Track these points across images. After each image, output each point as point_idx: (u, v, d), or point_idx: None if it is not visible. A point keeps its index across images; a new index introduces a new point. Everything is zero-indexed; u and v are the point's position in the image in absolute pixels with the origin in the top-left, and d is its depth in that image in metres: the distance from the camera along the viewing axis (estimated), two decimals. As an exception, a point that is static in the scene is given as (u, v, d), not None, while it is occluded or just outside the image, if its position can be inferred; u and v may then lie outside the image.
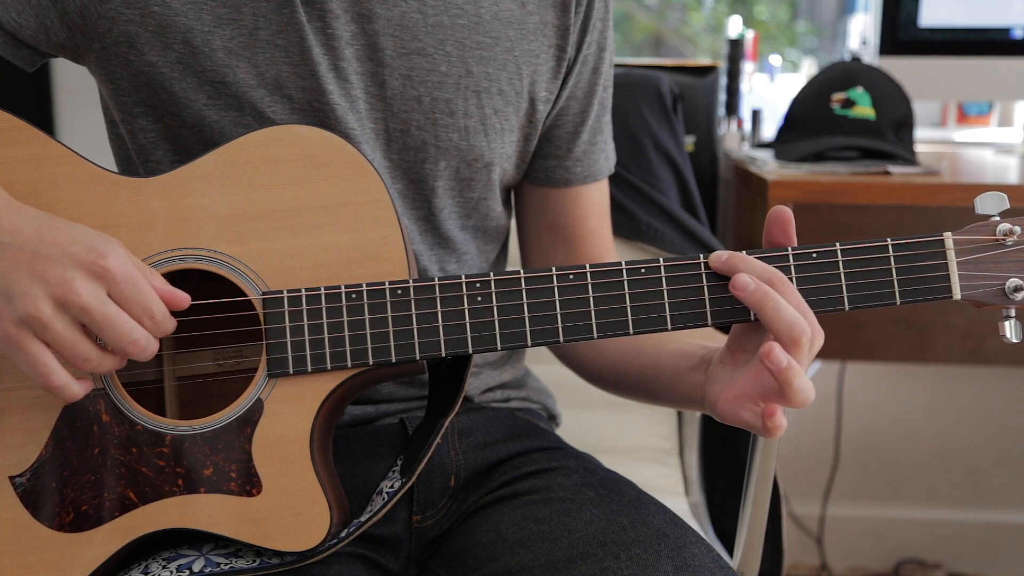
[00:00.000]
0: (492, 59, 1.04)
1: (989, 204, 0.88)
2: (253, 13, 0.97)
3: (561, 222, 1.16)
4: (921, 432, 2.44)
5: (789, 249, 0.88)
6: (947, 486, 2.46)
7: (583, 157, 1.14)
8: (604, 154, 1.17)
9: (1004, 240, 0.88)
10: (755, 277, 0.85)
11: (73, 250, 0.80)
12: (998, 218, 0.88)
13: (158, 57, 0.96)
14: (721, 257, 0.88)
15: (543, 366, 1.39)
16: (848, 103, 1.78)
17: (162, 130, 0.99)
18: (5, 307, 0.79)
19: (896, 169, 1.67)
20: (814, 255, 0.88)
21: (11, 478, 0.88)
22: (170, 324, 0.84)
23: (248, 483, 0.88)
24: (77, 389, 0.83)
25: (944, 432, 2.44)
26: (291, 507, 0.88)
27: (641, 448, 1.65)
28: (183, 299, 0.85)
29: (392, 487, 0.94)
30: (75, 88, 2.11)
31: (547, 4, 1.07)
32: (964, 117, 2.32)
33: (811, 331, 0.84)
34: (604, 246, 1.18)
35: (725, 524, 1.55)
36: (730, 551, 1.31)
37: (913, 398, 2.43)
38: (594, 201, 1.17)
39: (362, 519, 0.91)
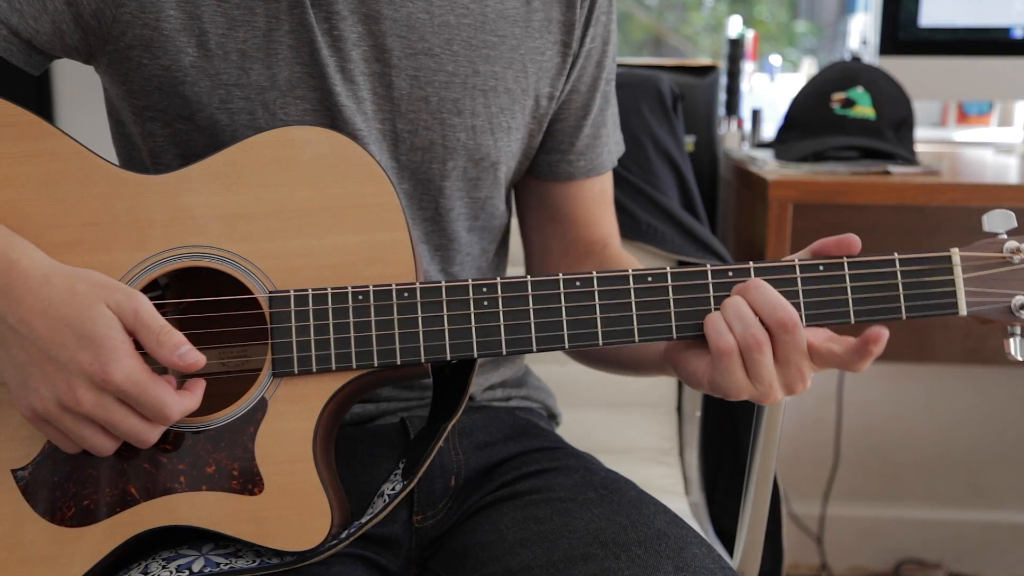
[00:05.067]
0: (498, 58, 1.04)
1: (996, 222, 0.89)
2: (266, 14, 0.97)
3: (562, 213, 1.16)
4: (921, 432, 2.44)
5: (796, 261, 0.88)
6: (947, 486, 2.46)
7: (586, 151, 1.14)
8: (607, 147, 1.17)
9: (1011, 258, 0.88)
10: (745, 327, 0.86)
11: (80, 357, 0.82)
12: (1005, 236, 0.89)
13: (172, 61, 0.96)
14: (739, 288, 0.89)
15: (543, 365, 1.39)
16: (848, 103, 1.78)
17: (171, 135, 0.99)
18: (23, 395, 0.83)
19: (896, 169, 1.68)
20: (821, 268, 0.88)
21: (13, 471, 0.88)
22: (191, 405, 0.86)
23: (250, 482, 0.88)
24: (105, 452, 0.86)
25: (944, 432, 2.44)
26: (292, 507, 0.88)
27: (641, 448, 1.66)
28: (200, 361, 0.85)
29: (393, 489, 0.94)
30: (75, 88, 2.11)
31: (553, 0, 1.07)
32: (964, 117, 2.32)
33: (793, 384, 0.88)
34: (607, 231, 1.19)
35: (725, 524, 1.55)
36: (730, 551, 1.31)
37: (913, 398, 2.43)
38: (596, 191, 1.17)
39: (363, 520, 0.91)
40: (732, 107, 2.03)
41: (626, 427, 1.65)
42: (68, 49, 0.99)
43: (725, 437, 1.64)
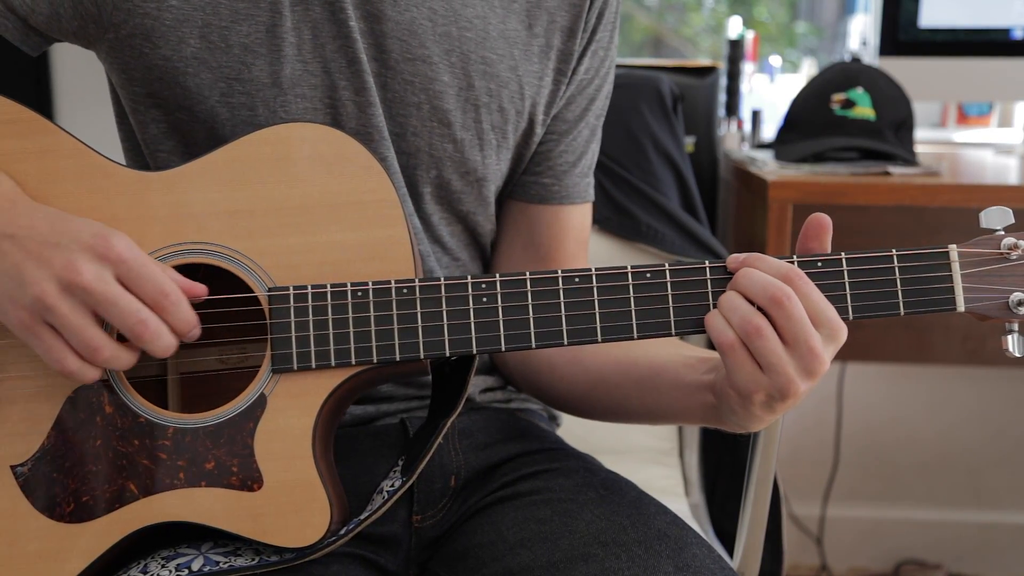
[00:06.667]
0: (495, 75, 1.04)
1: (994, 218, 0.89)
2: (270, 8, 0.97)
3: (536, 240, 1.14)
4: (921, 433, 2.44)
5: (795, 257, 0.88)
6: (947, 487, 2.46)
7: (562, 177, 1.12)
8: (587, 179, 1.15)
9: (1008, 254, 0.88)
10: (740, 316, 0.85)
11: (80, 236, 0.82)
12: (1003, 232, 0.89)
13: (173, 51, 0.96)
14: (738, 259, 0.88)
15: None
16: (848, 104, 1.78)
17: (173, 123, 1.00)
18: (18, 293, 0.81)
19: (896, 170, 1.68)
20: (819, 264, 0.88)
21: (12, 467, 0.88)
22: (188, 312, 0.84)
23: (249, 478, 0.88)
24: (92, 373, 0.84)
25: (944, 433, 2.44)
26: (292, 503, 0.88)
27: (641, 448, 1.66)
28: (199, 290, 0.85)
29: (392, 486, 0.94)
30: (75, 84, 2.11)
31: (555, 28, 1.07)
32: (964, 118, 2.32)
33: (832, 327, 0.85)
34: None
35: (725, 525, 1.55)
36: (730, 552, 1.31)
37: (913, 399, 2.43)
38: (573, 225, 1.15)
39: (362, 516, 0.91)
40: (732, 108, 2.03)
41: (626, 428, 1.65)
42: (65, 33, 0.99)
43: (725, 438, 1.64)
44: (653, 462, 1.64)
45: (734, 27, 2.08)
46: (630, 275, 0.89)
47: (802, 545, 2.45)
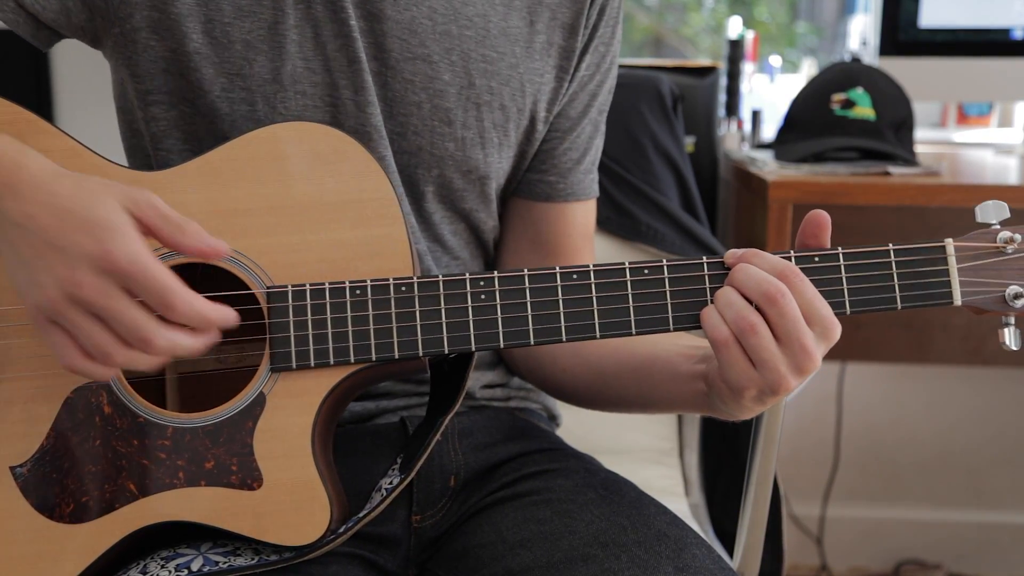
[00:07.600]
0: (496, 73, 1.04)
1: (990, 212, 0.89)
2: (273, 6, 0.97)
3: (542, 237, 1.14)
4: (921, 433, 2.44)
5: (792, 252, 0.88)
6: (947, 487, 2.46)
7: (567, 174, 1.13)
8: (591, 175, 1.16)
9: (1004, 248, 0.89)
10: (735, 312, 0.85)
11: (82, 241, 0.78)
12: (998, 226, 0.89)
13: (177, 44, 0.97)
14: (736, 254, 0.88)
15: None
16: (848, 104, 1.78)
17: (175, 118, 1.00)
18: (28, 291, 0.80)
19: (896, 170, 1.68)
20: (816, 259, 0.88)
21: (11, 468, 0.88)
22: (204, 312, 0.80)
23: (249, 477, 0.88)
24: (103, 371, 0.81)
25: (944, 433, 2.44)
26: (291, 501, 0.88)
27: (641, 448, 1.66)
28: (230, 315, 0.82)
29: (391, 484, 0.94)
30: (75, 84, 2.11)
31: (556, 25, 1.07)
32: (964, 118, 2.32)
33: (825, 325, 0.85)
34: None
35: (725, 525, 1.55)
36: (730, 552, 1.31)
37: (913, 398, 2.43)
38: (579, 221, 1.15)
39: (360, 515, 0.91)
40: (732, 108, 2.03)
41: (626, 428, 1.65)
42: (74, 28, 0.99)
43: (725, 438, 1.64)
44: (653, 462, 1.64)
45: (734, 27, 2.08)
46: (628, 272, 0.89)
47: (802, 545, 2.45)
